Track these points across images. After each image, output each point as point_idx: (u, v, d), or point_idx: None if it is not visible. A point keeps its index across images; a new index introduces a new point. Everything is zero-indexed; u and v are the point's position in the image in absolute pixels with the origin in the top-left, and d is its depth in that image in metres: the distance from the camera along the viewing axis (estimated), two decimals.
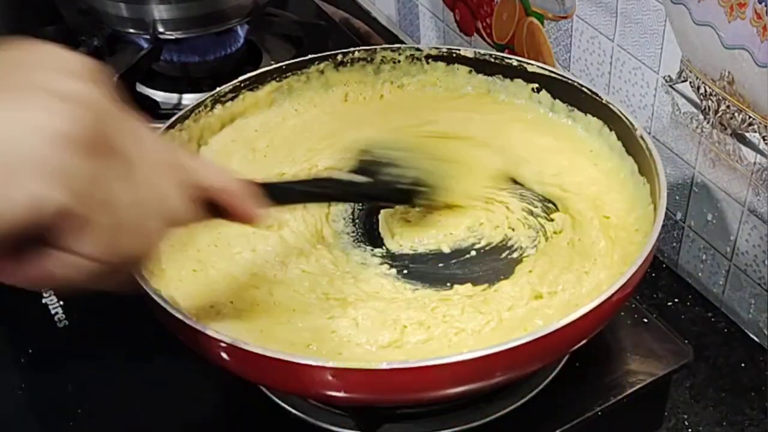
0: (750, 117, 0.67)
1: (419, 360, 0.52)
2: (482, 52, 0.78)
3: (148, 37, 0.92)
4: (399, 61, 0.80)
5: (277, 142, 0.77)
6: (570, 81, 0.73)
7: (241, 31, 0.97)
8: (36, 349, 0.69)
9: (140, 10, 0.90)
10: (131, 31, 0.93)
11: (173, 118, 0.71)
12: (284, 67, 0.79)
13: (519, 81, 0.77)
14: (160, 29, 0.91)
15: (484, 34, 0.96)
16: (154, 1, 0.90)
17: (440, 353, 0.57)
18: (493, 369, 0.53)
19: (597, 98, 0.71)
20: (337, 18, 1.14)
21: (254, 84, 0.77)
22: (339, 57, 0.79)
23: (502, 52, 0.93)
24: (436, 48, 0.79)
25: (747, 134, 0.68)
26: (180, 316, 0.54)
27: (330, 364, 0.51)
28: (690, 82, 0.72)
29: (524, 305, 0.60)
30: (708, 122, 0.71)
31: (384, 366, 0.51)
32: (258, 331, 0.59)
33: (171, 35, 0.92)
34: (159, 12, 0.90)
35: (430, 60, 0.80)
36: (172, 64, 0.96)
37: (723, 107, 0.69)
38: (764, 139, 0.67)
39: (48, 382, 0.67)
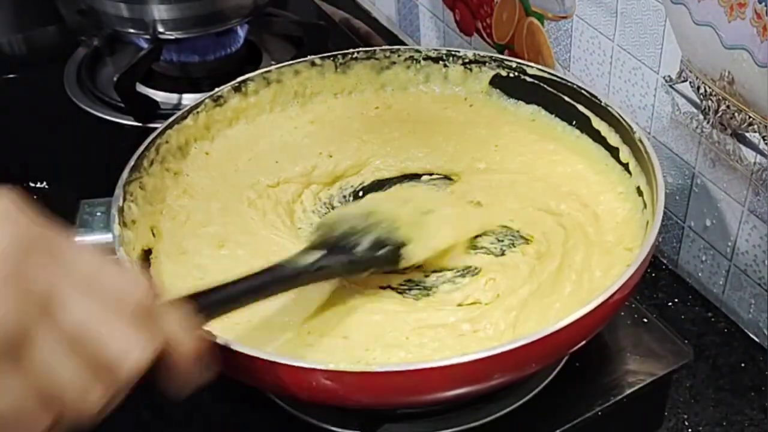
0: (750, 117, 0.67)
1: (413, 363, 0.52)
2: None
3: (148, 37, 0.92)
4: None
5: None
6: (568, 82, 0.74)
7: (241, 31, 0.97)
8: None
9: (140, 10, 0.90)
10: (131, 31, 0.93)
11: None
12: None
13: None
14: (160, 29, 0.91)
15: (484, 34, 0.96)
16: (154, 1, 0.90)
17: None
18: (490, 371, 0.53)
19: (596, 100, 0.72)
20: (337, 18, 1.14)
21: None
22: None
23: (502, 52, 0.93)
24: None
25: (747, 134, 0.68)
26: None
27: (322, 367, 0.50)
28: (690, 82, 0.72)
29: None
30: (708, 122, 0.71)
31: (376, 369, 0.51)
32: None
33: (171, 35, 0.92)
34: (159, 12, 0.90)
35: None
36: (172, 64, 0.96)
37: (723, 107, 0.69)
38: (764, 139, 0.67)
39: None
